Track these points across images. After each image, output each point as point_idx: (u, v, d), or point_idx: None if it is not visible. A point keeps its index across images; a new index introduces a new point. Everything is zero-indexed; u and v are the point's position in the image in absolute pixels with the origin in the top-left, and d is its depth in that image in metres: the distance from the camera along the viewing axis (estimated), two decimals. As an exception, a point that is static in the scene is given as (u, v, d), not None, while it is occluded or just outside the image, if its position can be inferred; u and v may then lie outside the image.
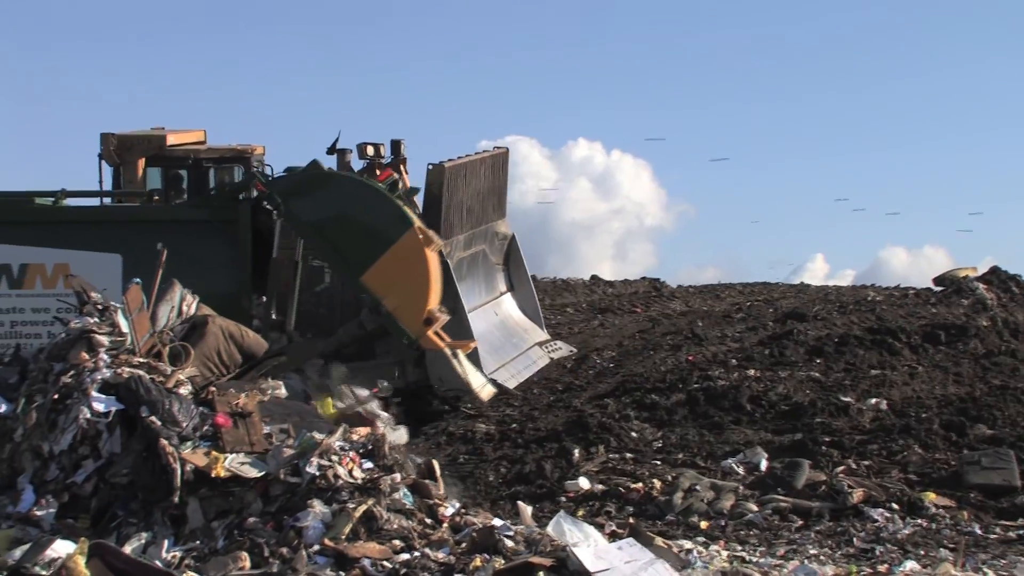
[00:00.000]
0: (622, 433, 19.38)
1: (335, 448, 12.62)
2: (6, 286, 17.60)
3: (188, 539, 12.01)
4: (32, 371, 13.78)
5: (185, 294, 15.71)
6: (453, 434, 20.81)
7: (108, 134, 20.96)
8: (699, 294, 36.45)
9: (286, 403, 14.81)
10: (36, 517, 12.34)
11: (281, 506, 12.15)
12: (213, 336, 15.35)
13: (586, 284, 38.86)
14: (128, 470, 12.62)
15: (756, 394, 21.07)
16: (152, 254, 15.75)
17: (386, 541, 11.60)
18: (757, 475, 16.96)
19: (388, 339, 18.64)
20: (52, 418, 13.12)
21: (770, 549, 13.74)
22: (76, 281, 14.99)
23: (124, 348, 13.94)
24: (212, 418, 13.00)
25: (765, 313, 30.37)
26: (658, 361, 25.30)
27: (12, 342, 16.50)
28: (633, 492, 16.31)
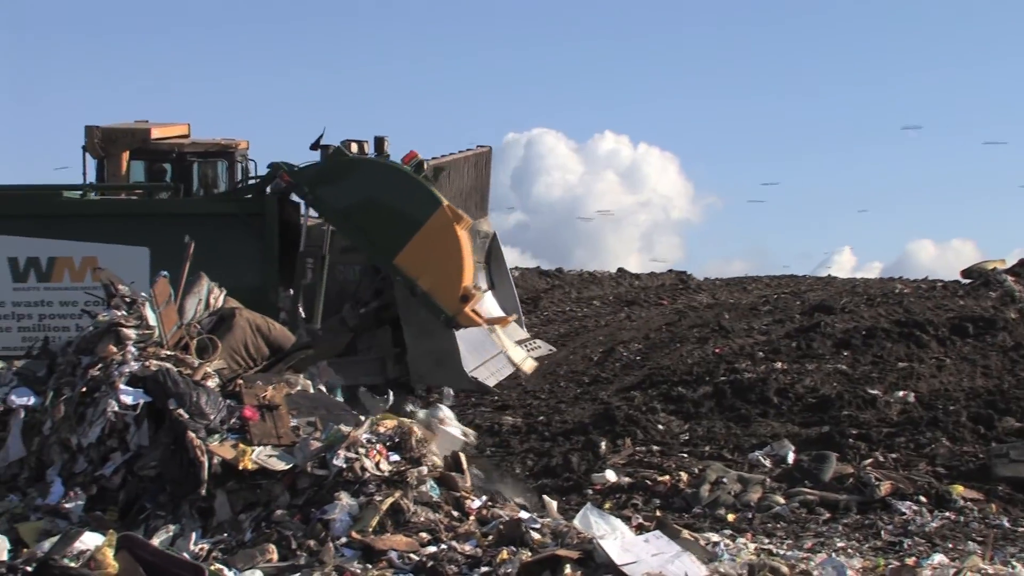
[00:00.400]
0: (649, 426, 19.41)
1: (362, 441, 12.62)
2: (34, 279, 17.64)
3: (216, 532, 12.03)
4: (60, 364, 13.81)
5: (212, 287, 15.71)
6: (480, 426, 20.85)
7: (92, 127, 20.94)
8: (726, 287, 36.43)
9: (313, 396, 14.82)
10: (65, 509, 12.37)
11: (308, 499, 12.16)
12: (240, 329, 15.35)
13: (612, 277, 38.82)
14: (156, 463, 12.64)
15: (783, 387, 21.08)
16: (180, 247, 15.77)
17: (413, 533, 11.60)
18: (784, 468, 16.97)
19: (370, 335, 18.70)
20: (80, 411, 13.15)
21: (797, 542, 13.74)
22: (104, 274, 15.02)
23: (152, 341, 13.96)
24: (239, 411, 13.01)
25: (792, 306, 30.36)
26: (685, 354, 25.33)
27: (40, 335, 16.53)
28: (660, 485, 16.33)
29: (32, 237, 17.78)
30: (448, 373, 18.05)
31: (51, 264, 17.73)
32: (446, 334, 17.61)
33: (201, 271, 15.63)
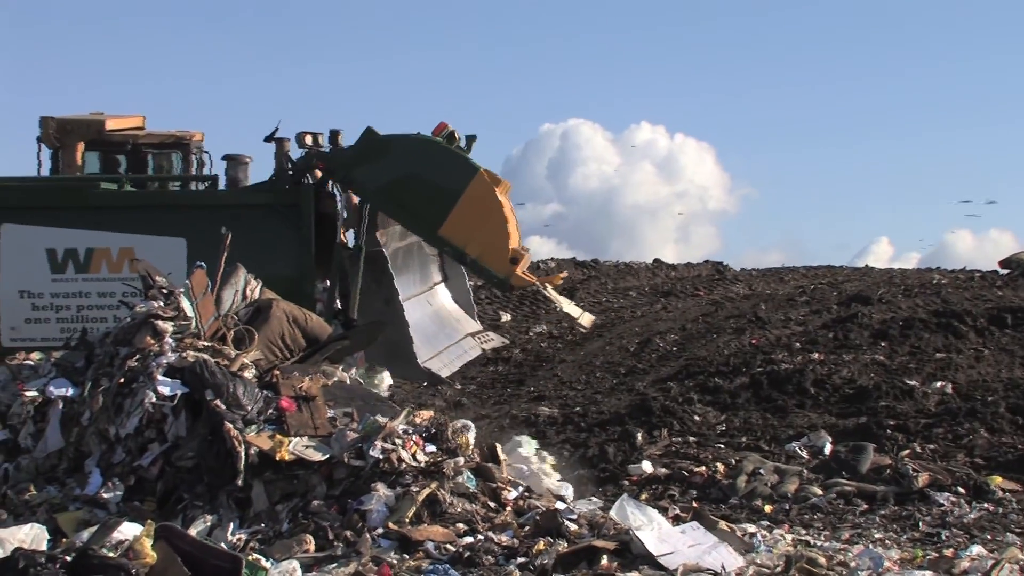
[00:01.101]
0: (685, 416, 19.39)
1: (399, 431, 12.64)
2: (72, 270, 17.68)
3: (253, 522, 12.07)
4: (98, 355, 13.86)
5: (249, 278, 15.74)
6: (516, 417, 20.86)
7: (47, 117, 20.93)
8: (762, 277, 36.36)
9: (350, 387, 14.84)
10: (103, 499, 12.43)
11: (345, 489, 12.18)
12: (277, 320, 15.37)
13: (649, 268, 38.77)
14: (193, 453, 12.68)
15: (820, 377, 21.03)
16: (216, 238, 15.80)
17: (450, 524, 11.61)
18: (821, 459, 16.92)
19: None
20: (118, 402, 13.20)
21: (835, 533, 13.69)
22: (141, 265, 15.06)
23: (189, 332, 14.01)
24: (276, 402, 13.04)
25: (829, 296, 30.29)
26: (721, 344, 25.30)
27: (78, 326, 16.58)
28: (696, 475, 16.30)
29: (70, 228, 17.83)
30: (401, 364, 18.04)
31: (89, 255, 17.77)
32: (399, 326, 17.57)
33: (238, 262, 15.67)
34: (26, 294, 17.67)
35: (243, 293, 15.56)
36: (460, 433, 13.11)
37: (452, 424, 13.15)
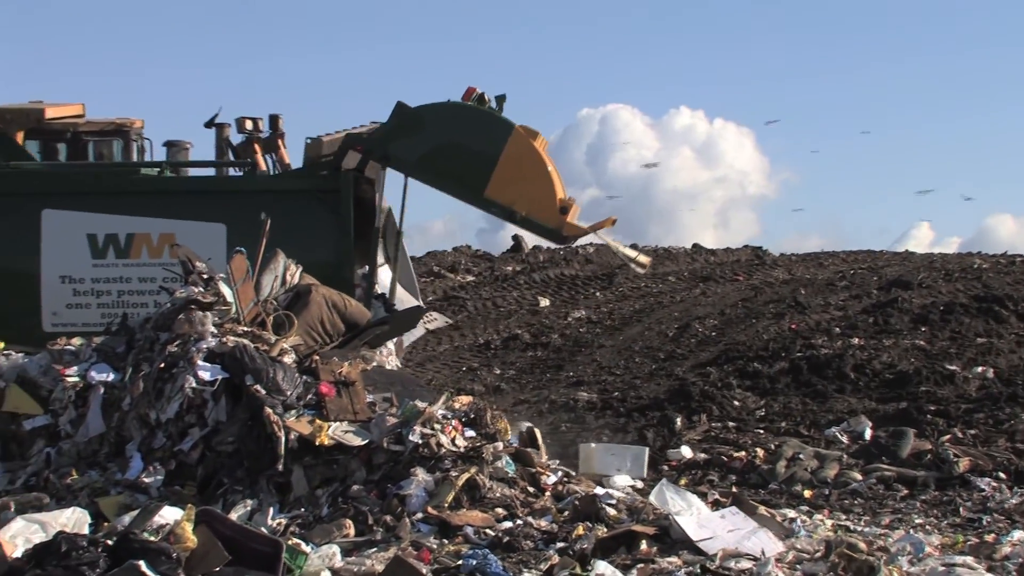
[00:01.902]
0: (724, 402, 19.36)
1: (438, 417, 12.65)
2: (113, 256, 17.74)
3: (293, 507, 12.11)
4: (139, 340, 13.91)
5: (289, 263, 15.77)
6: (555, 402, 20.86)
7: None
8: (802, 262, 36.19)
9: (389, 372, 14.87)
10: (144, 484, 12.48)
11: (384, 474, 12.20)
12: (316, 305, 15.40)
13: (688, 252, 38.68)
14: (233, 438, 12.72)
15: (860, 362, 20.96)
16: (256, 224, 15.85)
17: (489, 509, 11.62)
18: (861, 444, 16.88)
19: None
20: (159, 387, 13.25)
21: (875, 518, 13.65)
22: (181, 251, 15.11)
23: (229, 317, 14.04)
24: (316, 387, 13.07)
25: (869, 281, 30.15)
26: (761, 329, 25.24)
27: (119, 311, 16.65)
28: (736, 461, 16.28)
29: (110, 214, 17.90)
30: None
31: (129, 241, 17.84)
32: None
33: (277, 248, 15.70)
34: (67, 279, 17.77)
35: (283, 278, 15.59)
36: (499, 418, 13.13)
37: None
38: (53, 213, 17.86)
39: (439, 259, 38.09)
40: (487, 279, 35.38)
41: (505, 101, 18.11)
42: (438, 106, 18.12)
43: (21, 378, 13.84)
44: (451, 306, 31.90)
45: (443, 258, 38.26)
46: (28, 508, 11.75)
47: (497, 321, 30.59)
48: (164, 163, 19.09)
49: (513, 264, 36.96)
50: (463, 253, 38.93)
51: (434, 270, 36.48)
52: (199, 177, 19.34)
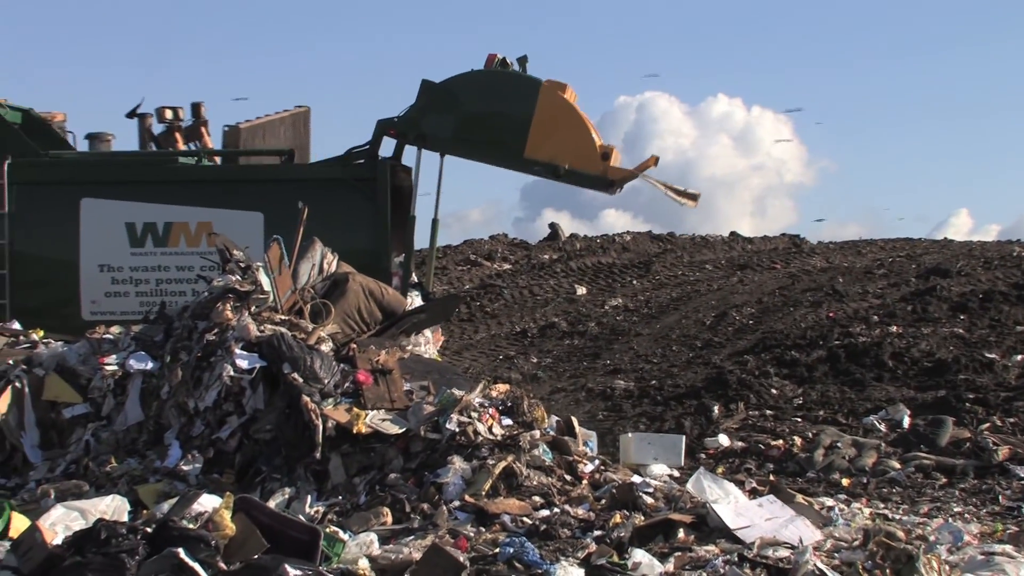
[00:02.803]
0: (762, 390, 19.32)
1: (475, 405, 12.66)
2: (151, 244, 17.81)
3: (330, 494, 12.12)
4: (177, 329, 13.96)
5: (326, 252, 15.81)
6: (592, 390, 20.86)
7: None
8: (840, 250, 36.07)
9: (426, 360, 14.87)
10: (183, 472, 12.52)
11: (421, 462, 12.21)
12: (354, 293, 15.41)
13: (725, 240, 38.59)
14: (271, 426, 12.75)
15: (898, 351, 20.89)
16: (293, 212, 15.88)
17: (526, 497, 11.62)
18: (899, 432, 16.82)
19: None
20: (197, 375, 13.29)
21: (913, 507, 13.60)
22: (219, 239, 15.14)
23: (267, 306, 14.07)
24: (353, 375, 13.08)
25: (907, 269, 30.06)
26: (798, 317, 25.19)
27: (157, 300, 16.72)
28: (773, 449, 16.24)
29: (149, 203, 17.97)
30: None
31: (167, 229, 17.92)
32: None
33: (314, 236, 15.73)
34: (106, 268, 17.85)
35: (320, 267, 15.62)
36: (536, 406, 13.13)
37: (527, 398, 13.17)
38: (92, 202, 17.95)
39: (476, 247, 38.10)
40: (524, 267, 35.38)
41: (527, 62, 18.15)
42: (463, 77, 18.15)
43: (60, 367, 13.91)
44: (488, 294, 31.92)
45: (480, 246, 38.28)
46: (68, 495, 11.83)
47: (534, 309, 30.59)
48: (201, 152, 19.15)
49: (550, 252, 36.95)
50: (500, 241, 38.94)
51: (471, 258, 36.50)
52: (236, 166, 19.38)
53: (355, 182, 17.96)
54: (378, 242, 17.76)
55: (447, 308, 18.54)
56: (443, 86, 18.04)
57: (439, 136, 18.07)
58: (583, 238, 39.08)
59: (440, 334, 18.04)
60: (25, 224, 17.92)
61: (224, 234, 15.47)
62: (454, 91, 18.07)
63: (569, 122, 17.66)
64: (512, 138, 17.73)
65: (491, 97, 17.97)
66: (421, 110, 18.03)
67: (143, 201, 17.96)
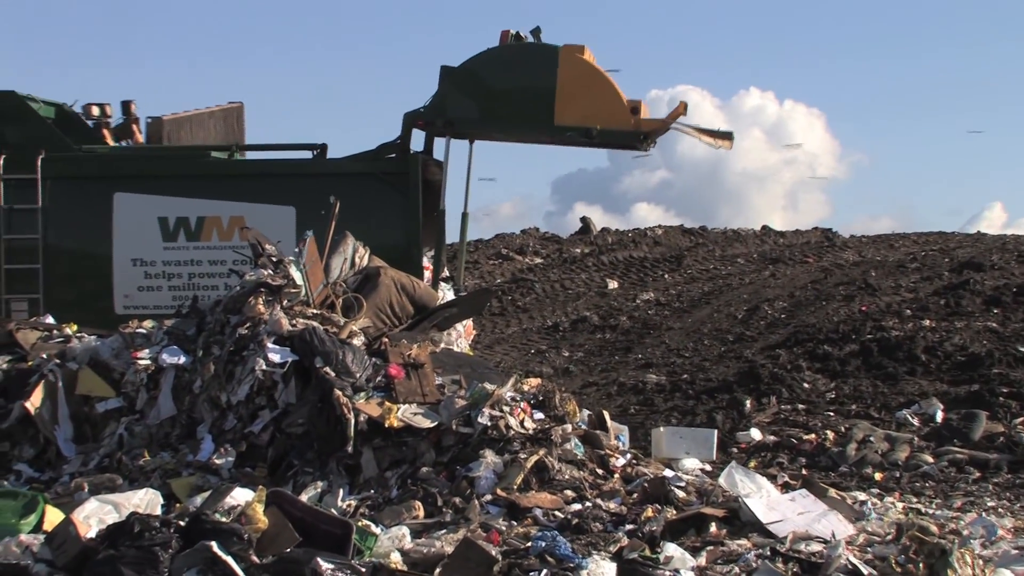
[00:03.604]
0: (794, 384, 19.28)
1: (507, 399, 12.66)
2: (183, 238, 17.85)
3: (363, 488, 12.13)
4: (209, 323, 13.99)
5: (358, 246, 15.84)
6: (624, 384, 20.85)
7: None
8: (872, 244, 35.97)
9: (458, 354, 14.88)
10: (215, 465, 12.55)
11: (453, 456, 12.22)
12: (385, 287, 15.44)
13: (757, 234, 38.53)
14: (303, 420, 12.77)
15: (931, 344, 20.81)
16: (325, 207, 15.90)
17: (558, 491, 11.62)
18: (932, 426, 16.77)
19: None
20: (229, 369, 13.32)
21: (946, 501, 13.56)
22: (251, 233, 15.16)
23: (299, 300, 14.09)
24: (385, 369, 13.09)
25: (940, 263, 29.94)
26: (831, 311, 25.11)
27: (190, 294, 16.77)
28: (806, 443, 16.22)
29: (181, 197, 18.02)
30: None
31: (200, 224, 17.95)
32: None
33: (346, 230, 15.76)
34: (139, 262, 17.90)
35: (352, 261, 15.65)
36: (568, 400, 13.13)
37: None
38: (125, 196, 18.00)
39: (507, 241, 38.13)
40: (555, 261, 35.39)
41: (541, 32, 18.16)
42: (481, 56, 18.17)
43: (94, 361, 13.96)
44: (519, 288, 31.93)
45: (511, 240, 38.31)
46: (102, 489, 11.88)
47: (565, 303, 30.60)
48: (234, 147, 19.18)
49: (581, 246, 36.96)
50: (531, 235, 38.96)
51: (502, 252, 36.52)
52: (268, 160, 19.41)
53: (386, 176, 17.97)
54: (410, 236, 17.76)
55: (479, 302, 18.55)
56: (463, 69, 18.06)
57: (467, 119, 18.09)
58: (615, 232, 39.07)
59: (472, 328, 18.06)
60: (58, 219, 17.99)
61: (256, 228, 15.50)
62: (474, 72, 18.08)
63: (593, 82, 17.66)
64: (540, 108, 17.73)
65: (512, 72, 17.99)
66: (445, 96, 18.05)
67: (176, 195, 18.00)
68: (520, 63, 18.04)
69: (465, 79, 18.04)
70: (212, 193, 18.04)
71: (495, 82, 18.02)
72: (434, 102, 18.12)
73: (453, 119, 18.02)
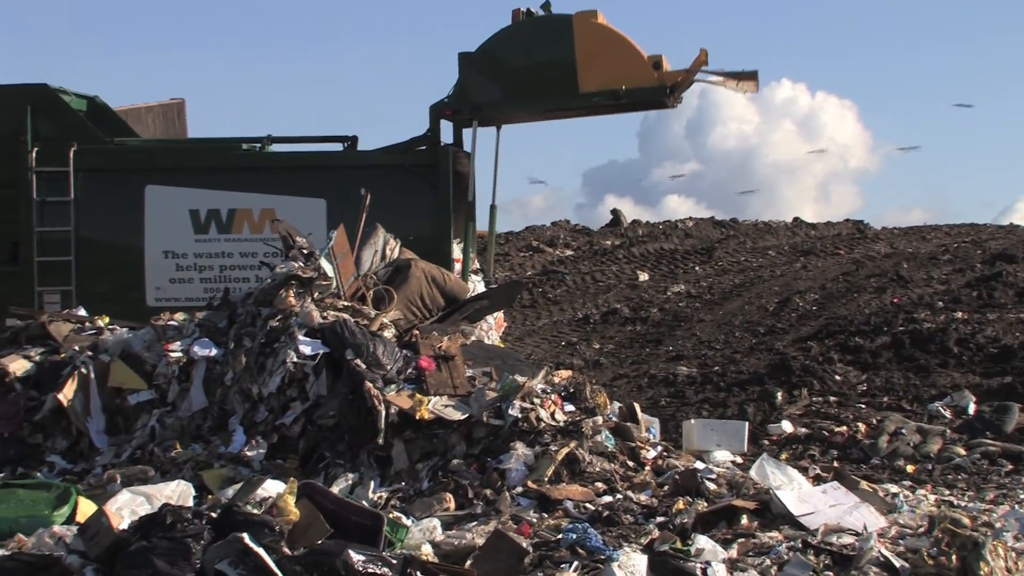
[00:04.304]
0: (826, 376, 19.21)
1: (537, 391, 12.66)
2: (215, 231, 17.89)
3: (394, 480, 12.16)
4: (240, 315, 14.03)
5: (388, 238, 15.85)
6: (655, 376, 20.82)
7: None
8: (904, 236, 35.84)
9: (489, 346, 14.89)
10: (247, 457, 12.60)
11: (484, 448, 12.23)
12: (416, 279, 15.46)
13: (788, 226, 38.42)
14: (334, 412, 12.79)
15: (963, 337, 20.71)
16: (356, 199, 15.93)
17: (589, 483, 11.62)
18: (965, 419, 16.69)
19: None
20: (260, 361, 13.35)
21: (979, 494, 13.49)
22: (282, 226, 15.19)
23: (329, 292, 14.12)
24: (416, 361, 13.11)
25: (973, 254, 29.80)
26: (862, 303, 25.04)
27: (221, 286, 16.81)
28: (837, 435, 16.15)
29: (212, 190, 18.06)
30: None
31: (231, 216, 18.00)
32: None
33: (377, 222, 15.77)
34: (170, 254, 17.96)
35: (382, 253, 15.67)
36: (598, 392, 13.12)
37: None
38: (156, 189, 18.06)
39: (538, 233, 38.11)
40: (586, 253, 35.37)
41: (551, 5, 18.18)
42: (496, 37, 18.20)
43: (125, 353, 14.02)
44: (550, 280, 31.92)
45: (542, 232, 38.28)
46: (134, 480, 11.94)
47: (596, 295, 30.58)
48: (265, 139, 19.21)
49: (612, 238, 36.92)
50: (562, 227, 38.93)
51: (533, 244, 36.51)
52: (299, 153, 19.45)
53: (417, 168, 17.99)
54: (440, 228, 17.77)
55: (509, 294, 18.55)
56: (480, 53, 18.10)
57: (492, 101, 18.12)
58: (645, 224, 39.02)
59: (503, 320, 18.06)
60: (90, 211, 18.06)
61: (287, 221, 15.53)
62: (492, 54, 18.11)
63: (611, 44, 17.68)
64: (563, 79, 17.75)
65: (529, 48, 18.02)
66: (467, 82, 18.08)
67: (207, 188, 18.05)
68: (536, 38, 18.06)
69: (484, 63, 18.08)
70: (243, 185, 18.08)
71: (514, 61, 18.05)
72: (457, 90, 18.15)
73: (480, 103, 18.05)
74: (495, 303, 16.77)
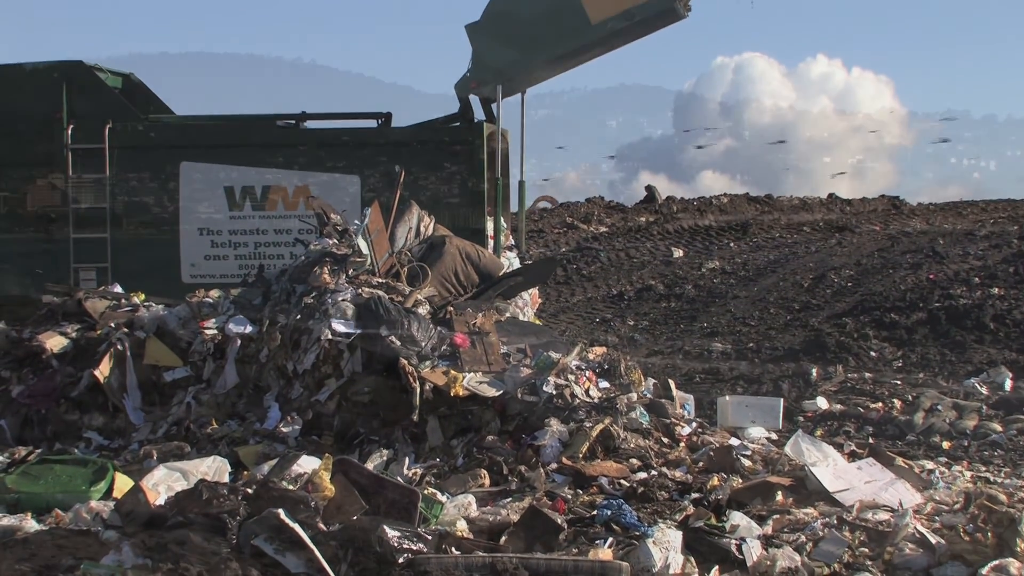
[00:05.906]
0: (861, 352, 19.18)
1: (572, 367, 12.65)
2: (249, 208, 17.94)
3: (428, 457, 12.17)
4: (275, 292, 14.05)
5: (423, 215, 15.85)
6: (689, 353, 20.78)
7: None
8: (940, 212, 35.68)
9: (523, 323, 14.88)
10: (282, 434, 12.62)
11: (519, 425, 12.23)
12: (451, 256, 15.46)
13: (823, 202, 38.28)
14: (369, 389, 12.81)
15: (1000, 312, 20.66)
16: (390, 176, 15.94)
17: (623, 460, 11.61)
18: (1001, 395, 16.64)
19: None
20: (295, 338, 13.37)
21: (1015, 470, 13.44)
22: (317, 203, 15.21)
23: (364, 269, 14.13)
24: (450, 338, 13.12)
25: (1009, 230, 29.67)
26: (898, 280, 24.95)
27: (255, 263, 16.85)
28: (872, 412, 16.11)
29: (247, 166, 18.10)
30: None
31: (265, 193, 18.04)
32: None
33: (411, 199, 15.77)
34: (205, 231, 18.01)
35: (417, 230, 15.66)
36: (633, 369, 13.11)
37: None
38: (191, 166, 18.10)
39: (573, 210, 38.07)
40: (620, 230, 35.32)
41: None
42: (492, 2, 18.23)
43: (161, 330, 14.05)
44: (584, 257, 31.88)
45: (576, 209, 38.25)
46: (170, 457, 11.96)
47: (631, 272, 30.53)
48: (300, 115, 19.23)
49: (646, 215, 36.86)
50: (596, 204, 38.89)
51: (567, 221, 36.47)
52: (333, 129, 19.45)
53: (451, 145, 17.99)
54: (474, 205, 17.78)
55: (544, 271, 18.53)
56: (484, 18, 18.14)
57: (512, 60, 18.12)
58: (680, 200, 38.96)
59: (537, 297, 18.05)
60: (126, 188, 18.12)
61: (321, 197, 15.54)
62: (495, 14, 18.14)
63: None
64: (571, 16, 17.76)
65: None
66: (482, 48, 18.09)
67: (242, 165, 18.09)
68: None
69: (491, 26, 18.11)
70: (278, 163, 18.12)
71: (519, 13, 18.06)
72: (475, 61, 18.16)
73: (500, 67, 18.06)
74: (529, 280, 16.76)
